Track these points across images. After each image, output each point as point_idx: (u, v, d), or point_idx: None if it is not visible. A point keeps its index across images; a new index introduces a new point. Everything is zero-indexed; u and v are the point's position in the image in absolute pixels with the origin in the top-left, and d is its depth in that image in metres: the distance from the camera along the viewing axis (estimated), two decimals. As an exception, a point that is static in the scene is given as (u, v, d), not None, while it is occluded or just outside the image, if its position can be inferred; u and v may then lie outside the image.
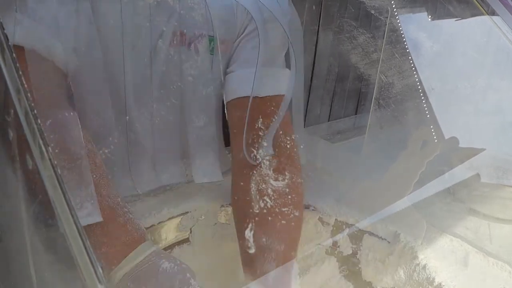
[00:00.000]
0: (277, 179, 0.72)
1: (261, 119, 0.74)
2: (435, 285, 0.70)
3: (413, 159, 0.88)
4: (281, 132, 0.75)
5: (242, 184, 0.75)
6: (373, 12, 1.02)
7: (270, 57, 0.79)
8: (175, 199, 0.82)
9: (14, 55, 0.38)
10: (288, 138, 0.75)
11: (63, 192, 0.34)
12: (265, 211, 0.70)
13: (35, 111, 0.37)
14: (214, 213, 0.85)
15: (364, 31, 1.11)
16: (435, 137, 0.90)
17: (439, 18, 1.06)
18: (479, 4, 0.94)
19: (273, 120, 0.75)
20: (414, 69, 0.93)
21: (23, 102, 0.37)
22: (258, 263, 0.68)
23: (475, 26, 1.02)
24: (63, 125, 0.59)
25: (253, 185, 0.72)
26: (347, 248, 0.84)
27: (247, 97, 0.75)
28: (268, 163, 0.73)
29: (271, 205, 0.70)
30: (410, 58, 0.94)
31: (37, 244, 0.41)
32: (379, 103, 0.98)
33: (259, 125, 0.74)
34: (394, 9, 0.93)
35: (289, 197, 0.72)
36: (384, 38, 0.95)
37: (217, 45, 0.77)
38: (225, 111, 0.78)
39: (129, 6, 0.68)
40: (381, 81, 0.96)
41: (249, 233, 0.69)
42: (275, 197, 0.71)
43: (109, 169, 0.66)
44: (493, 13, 0.95)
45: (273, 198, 0.71)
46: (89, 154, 0.61)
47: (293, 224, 0.71)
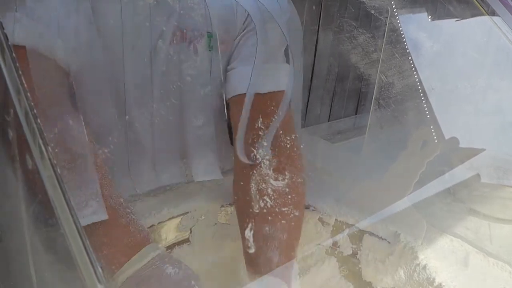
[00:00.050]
0: (277, 179, 0.72)
1: (262, 116, 0.74)
2: (435, 285, 0.70)
3: (413, 159, 0.88)
4: (281, 131, 0.75)
5: (242, 183, 0.75)
6: (373, 12, 1.01)
7: (270, 54, 0.79)
8: (175, 199, 0.82)
9: (14, 54, 0.38)
10: (288, 138, 0.75)
11: (62, 192, 0.34)
12: (265, 211, 0.70)
13: (35, 111, 0.37)
14: (214, 213, 0.85)
15: (364, 31, 1.11)
16: (435, 137, 0.89)
17: (439, 18, 1.05)
18: (479, 4, 0.94)
19: (274, 117, 0.74)
20: (414, 69, 0.93)
21: (23, 102, 0.37)
22: (260, 261, 0.68)
23: (475, 26, 1.02)
24: (67, 124, 0.59)
25: (253, 184, 0.72)
26: (347, 248, 0.84)
27: (250, 94, 0.75)
28: (268, 162, 0.73)
29: (271, 205, 0.70)
30: (410, 58, 0.93)
31: (37, 244, 0.41)
32: (379, 103, 0.98)
33: (259, 125, 0.73)
34: (394, 9, 0.93)
35: (289, 196, 0.72)
36: (384, 38, 0.95)
37: (217, 45, 0.77)
38: (225, 110, 0.78)
39: (129, 6, 0.68)
40: (381, 81, 0.96)
41: (249, 233, 0.69)
42: (275, 196, 0.71)
43: (109, 169, 0.66)
44: (493, 13, 0.95)
45: (273, 197, 0.71)
46: (91, 154, 0.60)
47: (293, 224, 0.71)
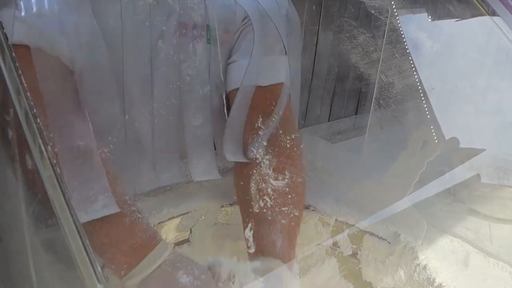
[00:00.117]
0: (277, 179, 0.72)
1: (264, 109, 0.74)
2: (435, 285, 0.70)
3: (414, 159, 0.88)
4: (281, 130, 0.75)
5: (242, 183, 0.75)
6: (373, 12, 1.01)
7: (269, 47, 0.79)
8: (175, 199, 0.82)
9: (13, 54, 0.38)
10: (288, 137, 0.75)
11: (62, 192, 0.34)
12: (265, 210, 0.70)
13: (35, 111, 0.37)
14: (214, 213, 0.85)
15: (364, 31, 1.11)
16: (435, 137, 0.89)
17: (439, 18, 1.05)
18: (480, 4, 0.94)
19: (275, 110, 0.75)
20: (414, 69, 0.93)
21: (23, 102, 0.37)
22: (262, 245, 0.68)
23: (476, 26, 1.02)
24: (73, 120, 0.59)
25: (252, 184, 0.72)
26: (347, 248, 0.84)
27: (250, 87, 0.76)
28: (268, 162, 0.73)
29: (270, 204, 0.70)
30: (410, 58, 0.94)
31: (37, 244, 0.41)
32: (379, 103, 0.98)
33: (260, 119, 0.74)
34: (394, 9, 0.93)
35: (289, 196, 0.72)
36: (384, 38, 0.95)
37: (216, 39, 0.77)
38: (225, 105, 0.78)
39: (129, 6, 0.68)
40: (381, 81, 0.96)
41: (248, 233, 0.69)
42: (275, 196, 0.71)
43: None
44: (493, 13, 0.95)
45: (272, 197, 0.71)
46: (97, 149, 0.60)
47: (293, 224, 0.71)
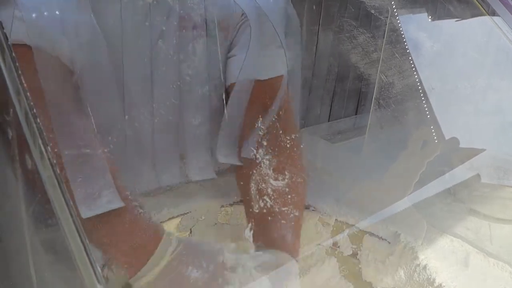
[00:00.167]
0: (277, 179, 0.72)
1: (263, 102, 0.75)
2: (435, 285, 0.70)
3: (414, 159, 0.88)
4: (281, 131, 0.75)
5: (242, 183, 0.75)
6: (373, 12, 1.01)
7: (267, 41, 0.79)
8: (175, 199, 0.82)
9: (13, 54, 0.38)
10: (288, 137, 0.75)
11: (62, 191, 0.34)
12: (265, 211, 0.70)
13: (35, 111, 0.37)
14: (214, 213, 0.84)
15: (364, 31, 1.11)
16: (435, 137, 0.89)
17: (439, 18, 1.05)
18: (480, 4, 0.94)
19: (274, 103, 0.75)
20: (414, 69, 0.93)
21: (22, 102, 0.37)
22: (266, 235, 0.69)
23: (476, 26, 1.02)
24: (74, 118, 0.59)
25: (252, 184, 0.72)
26: (347, 248, 0.84)
27: (249, 80, 0.76)
28: (268, 162, 0.73)
29: (270, 204, 0.70)
30: (410, 58, 0.94)
31: (37, 244, 0.41)
32: (379, 103, 0.98)
33: (258, 118, 0.74)
34: (394, 9, 0.93)
35: (289, 196, 0.72)
36: (384, 38, 0.95)
37: (215, 35, 0.77)
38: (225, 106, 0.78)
39: (129, 6, 0.68)
40: (381, 81, 0.96)
41: (248, 233, 0.69)
42: (275, 196, 0.71)
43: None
44: (493, 13, 0.95)
45: (272, 197, 0.71)
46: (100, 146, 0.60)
47: (292, 223, 0.71)
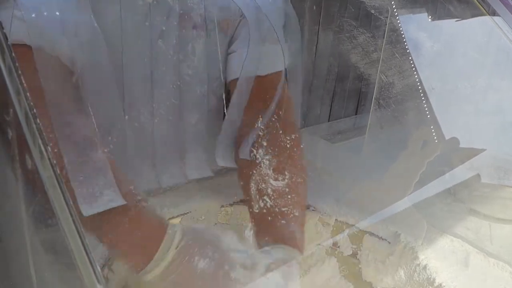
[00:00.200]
0: (277, 179, 0.72)
1: (263, 98, 0.76)
2: (435, 285, 0.70)
3: (414, 159, 0.88)
4: (281, 131, 0.75)
5: (242, 183, 0.75)
6: (373, 11, 1.01)
7: (265, 38, 0.80)
8: (175, 199, 0.82)
9: (13, 54, 0.38)
10: (288, 137, 0.75)
11: (62, 191, 0.34)
12: (269, 209, 0.70)
13: (35, 111, 0.37)
14: (214, 213, 0.84)
15: (364, 31, 1.11)
16: (435, 137, 0.89)
17: (439, 18, 1.05)
18: (480, 4, 0.94)
19: (273, 99, 0.76)
20: (414, 69, 0.93)
21: (22, 102, 0.37)
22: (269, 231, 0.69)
23: (476, 26, 1.02)
24: (75, 117, 0.59)
25: (252, 184, 0.72)
26: (347, 248, 0.84)
27: (249, 77, 0.77)
28: (268, 162, 0.73)
29: (271, 204, 0.70)
30: (410, 58, 0.93)
31: (37, 244, 0.41)
32: (379, 103, 0.98)
33: (260, 107, 0.75)
34: (394, 9, 0.93)
35: (289, 196, 0.72)
36: (384, 38, 0.95)
37: (215, 31, 0.77)
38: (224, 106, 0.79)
39: (129, 6, 0.68)
40: (381, 81, 0.96)
41: (248, 233, 0.69)
42: (275, 196, 0.71)
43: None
44: (493, 13, 0.94)
45: (273, 197, 0.71)
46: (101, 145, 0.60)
47: (297, 220, 0.71)
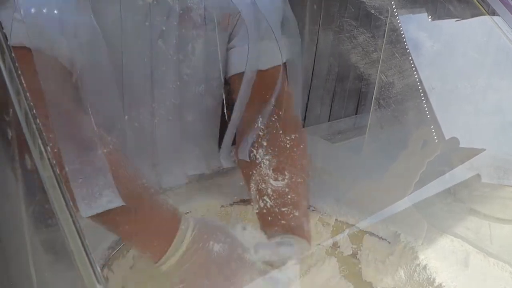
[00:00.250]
0: (276, 179, 0.72)
1: (265, 91, 0.77)
2: (435, 285, 0.70)
3: (414, 159, 0.88)
4: (281, 131, 0.75)
5: (241, 184, 0.75)
6: (373, 11, 1.01)
7: (264, 33, 0.80)
8: (175, 199, 0.82)
9: (13, 55, 0.38)
10: (288, 137, 0.75)
11: (62, 192, 0.34)
12: (269, 207, 0.71)
13: (34, 111, 0.37)
14: (214, 213, 0.84)
15: (364, 31, 1.11)
16: (435, 137, 0.89)
17: (439, 17, 1.05)
18: (480, 4, 0.94)
19: (273, 93, 0.77)
20: (414, 69, 0.93)
21: (22, 102, 0.37)
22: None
23: (476, 26, 1.02)
24: (75, 119, 0.59)
25: (252, 185, 0.72)
26: (347, 248, 0.84)
27: (250, 72, 0.77)
28: (268, 162, 0.73)
29: (270, 203, 0.71)
30: (410, 58, 0.93)
31: (37, 244, 0.41)
32: (379, 103, 0.98)
33: (262, 101, 0.76)
34: (394, 9, 0.93)
35: (289, 197, 0.72)
36: (384, 37, 0.95)
37: (216, 48, 0.78)
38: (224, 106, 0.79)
39: (129, 6, 0.68)
40: (381, 81, 0.96)
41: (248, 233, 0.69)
42: (275, 196, 0.71)
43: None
44: (493, 13, 0.94)
45: (272, 197, 0.71)
46: (105, 143, 0.60)
47: (304, 212, 0.73)
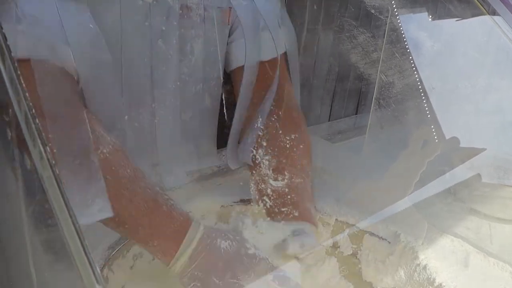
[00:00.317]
0: (276, 179, 0.72)
1: (267, 81, 0.79)
2: (435, 285, 0.70)
3: (414, 159, 0.88)
4: (281, 131, 0.75)
5: (241, 184, 0.75)
6: (374, 11, 1.01)
7: (265, 23, 0.81)
8: (175, 199, 0.82)
9: (12, 55, 0.38)
10: (288, 137, 0.75)
11: (61, 192, 0.34)
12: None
13: (34, 111, 0.37)
14: (214, 213, 0.84)
15: (364, 31, 1.11)
16: (435, 137, 0.89)
17: (439, 17, 1.05)
18: (480, 3, 0.94)
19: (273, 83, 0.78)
20: (414, 68, 0.93)
21: (22, 103, 0.37)
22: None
23: (476, 25, 1.02)
24: (71, 125, 0.59)
25: (252, 185, 0.72)
26: (347, 248, 0.84)
27: (251, 64, 0.79)
28: (267, 163, 0.73)
29: (270, 203, 0.71)
30: (410, 57, 0.93)
31: (37, 244, 0.41)
32: (379, 102, 0.98)
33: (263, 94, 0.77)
34: (394, 9, 0.93)
35: (288, 196, 0.72)
36: (384, 37, 0.95)
37: (216, 48, 0.79)
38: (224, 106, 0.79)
39: (128, 6, 0.68)
40: (381, 80, 0.96)
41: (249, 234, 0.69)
42: (274, 197, 0.71)
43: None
44: (494, 12, 0.94)
45: (272, 197, 0.71)
46: (117, 150, 0.61)
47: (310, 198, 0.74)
